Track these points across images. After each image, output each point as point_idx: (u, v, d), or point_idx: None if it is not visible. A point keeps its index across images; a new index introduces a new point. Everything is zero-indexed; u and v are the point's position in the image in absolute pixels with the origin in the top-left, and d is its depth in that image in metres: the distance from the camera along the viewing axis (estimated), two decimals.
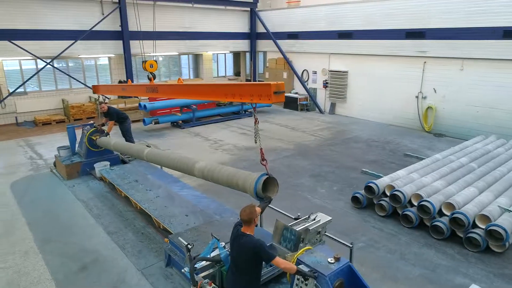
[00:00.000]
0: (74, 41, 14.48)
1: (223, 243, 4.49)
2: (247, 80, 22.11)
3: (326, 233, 5.31)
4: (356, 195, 7.76)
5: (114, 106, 12.47)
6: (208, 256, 4.22)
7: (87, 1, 14.90)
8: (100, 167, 8.88)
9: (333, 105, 17.44)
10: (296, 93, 18.63)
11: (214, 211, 6.74)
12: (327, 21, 16.72)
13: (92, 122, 9.57)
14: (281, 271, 4.74)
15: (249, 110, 17.04)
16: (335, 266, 3.76)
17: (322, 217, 5.17)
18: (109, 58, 16.89)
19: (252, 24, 20.39)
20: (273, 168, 9.92)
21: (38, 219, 7.31)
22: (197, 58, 20.74)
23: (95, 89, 9.06)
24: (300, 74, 18.53)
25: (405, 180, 7.66)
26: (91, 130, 9.06)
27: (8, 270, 5.73)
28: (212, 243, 4.37)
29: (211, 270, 4.28)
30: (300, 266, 3.80)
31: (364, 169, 9.87)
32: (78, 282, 5.40)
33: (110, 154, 9.50)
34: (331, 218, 5.12)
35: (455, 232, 6.47)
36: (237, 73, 22.82)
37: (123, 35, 15.72)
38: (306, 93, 18.15)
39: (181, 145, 12.40)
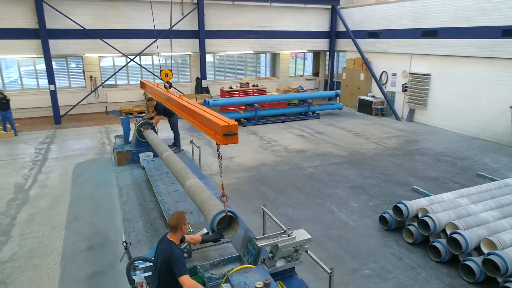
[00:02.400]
0: (155, 39, 15.80)
1: None
2: (325, 81, 21.34)
3: (308, 253, 4.84)
4: (385, 215, 6.84)
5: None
6: (147, 257, 4.16)
7: (169, 2, 16.07)
8: (144, 157, 9.53)
9: (411, 112, 15.69)
10: (373, 96, 17.27)
11: None
12: (410, 18, 15.06)
13: (143, 114, 10.31)
14: None
15: (316, 112, 16.43)
16: None
17: (300, 235, 4.71)
18: (189, 56, 18.01)
19: (333, 22, 19.54)
20: (311, 175, 9.42)
21: (79, 198, 8.20)
22: (274, 57, 20.77)
23: (142, 84, 9.73)
24: (378, 76, 17.11)
25: (447, 205, 6.47)
26: (140, 122, 9.78)
27: (35, 239, 6.55)
28: None
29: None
30: (224, 285, 3.49)
31: (416, 187, 8.65)
32: (79, 260, 5.89)
33: None
34: (310, 237, 4.67)
35: (492, 277, 5.22)
36: (316, 73, 22.17)
37: (199, 34, 16.57)
38: (383, 97, 16.68)
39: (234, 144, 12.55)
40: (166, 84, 6.93)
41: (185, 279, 3.31)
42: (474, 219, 5.97)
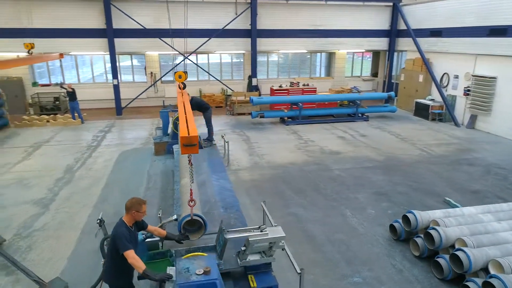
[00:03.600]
0: (208, 38, 16.55)
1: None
2: (383, 82, 20.31)
3: (285, 250, 4.84)
4: (395, 224, 6.44)
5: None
6: None
7: (223, 2, 16.70)
8: (176, 148, 10.10)
9: (473, 118, 14.25)
10: (432, 99, 16.02)
11: (222, 204, 6.85)
12: (476, 15, 13.66)
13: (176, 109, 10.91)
14: None
15: (365, 114, 15.76)
16: (196, 278, 3.47)
17: (275, 232, 4.73)
18: (243, 54, 18.49)
19: (393, 20, 18.49)
20: (337, 177, 9.20)
21: (113, 182, 9.04)
22: (330, 57, 20.34)
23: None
24: (439, 78, 15.82)
25: (465, 219, 5.89)
26: (177, 115, 10.39)
27: (66, 214, 7.42)
28: None
29: None
30: (169, 268, 3.68)
31: (448, 199, 7.94)
32: (91, 237, 6.54)
33: None
34: (284, 235, 4.68)
35: None
36: (374, 74, 21.19)
37: (251, 33, 16.92)
38: (442, 101, 15.39)
39: (269, 140, 12.69)
40: (181, 85, 7.28)
41: (129, 253, 3.58)
42: (490, 237, 5.36)
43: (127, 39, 16.19)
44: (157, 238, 4.56)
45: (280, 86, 17.26)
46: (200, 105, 10.44)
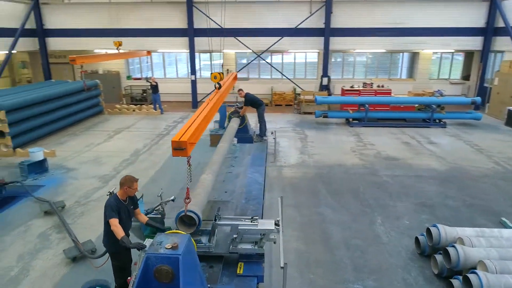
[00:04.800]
0: (281, 37, 16.84)
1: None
2: (476, 86, 18.12)
3: (275, 243, 4.95)
4: (420, 237, 5.95)
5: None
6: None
7: (298, 1, 16.79)
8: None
9: None
10: None
11: (246, 195, 7.10)
12: None
13: (236, 104, 11.44)
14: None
15: (443, 120, 14.35)
16: (163, 251, 3.79)
17: (265, 224, 4.87)
18: (318, 53, 18.35)
19: (490, 17, 16.35)
20: (382, 183, 8.82)
21: (166, 167, 9.97)
22: (413, 57, 18.90)
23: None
24: None
25: (499, 242, 5.19)
26: (232, 110, 10.94)
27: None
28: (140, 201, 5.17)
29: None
30: (147, 239, 4.09)
31: (505, 219, 6.96)
32: None
33: (245, 133, 11.11)
34: (273, 228, 4.80)
35: None
36: (465, 77, 19.01)
37: (325, 32, 16.69)
38: None
39: (326, 140, 12.48)
40: (217, 85, 7.69)
41: (112, 221, 4.13)
42: None
43: (206, 38, 17.37)
44: (158, 215, 5.04)
45: (352, 87, 16.71)
46: (253, 102, 10.82)
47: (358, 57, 19.26)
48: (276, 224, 5.30)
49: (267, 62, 18.35)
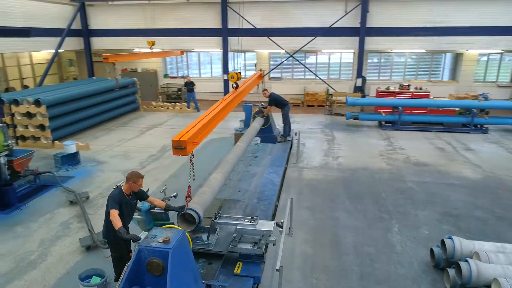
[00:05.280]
0: (314, 37, 16.59)
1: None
2: None
3: (274, 245, 4.90)
4: (436, 248, 5.60)
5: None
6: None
7: (333, 0, 16.43)
8: (252, 140, 10.70)
9: None
10: None
11: (259, 195, 7.08)
12: None
13: (261, 103, 11.42)
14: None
15: (485, 126, 13.42)
16: (155, 244, 3.86)
17: (264, 225, 4.84)
18: (353, 54, 17.88)
19: None
20: (406, 190, 8.42)
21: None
22: (457, 58, 17.84)
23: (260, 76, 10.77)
24: None
25: None
26: (256, 110, 10.94)
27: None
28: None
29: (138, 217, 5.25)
30: (143, 232, 4.19)
31: None
32: None
33: (269, 133, 11.07)
34: (271, 230, 4.79)
35: None
36: None
37: (360, 31, 16.21)
38: None
39: (354, 142, 12.12)
40: (234, 85, 7.70)
41: (112, 211, 4.31)
42: None
43: (239, 38, 17.52)
44: (161, 210, 5.15)
45: (387, 88, 16.10)
46: (277, 102, 10.75)
47: (396, 57, 18.52)
48: (279, 226, 5.26)
49: (299, 62, 18.16)
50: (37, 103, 11.26)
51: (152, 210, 5.17)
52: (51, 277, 5.38)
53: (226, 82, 17.83)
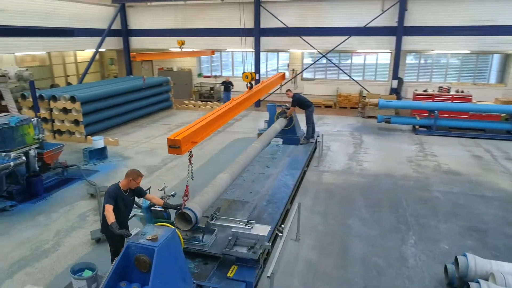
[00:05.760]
0: (348, 36, 16.09)
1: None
2: None
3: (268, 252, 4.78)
4: (450, 265, 5.18)
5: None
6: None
7: None
8: (274, 140, 10.56)
9: None
10: None
11: (270, 197, 6.96)
12: None
13: (285, 104, 11.23)
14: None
15: None
16: (143, 241, 3.88)
17: (259, 230, 4.73)
18: (390, 55, 17.13)
19: None
20: (430, 199, 7.94)
21: (211, 162, 10.29)
22: (506, 60, 16.51)
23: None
24: None
25: None
26: (279, 111, 10.79)
27: (160, 180, 8.98)
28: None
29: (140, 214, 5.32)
30: (135, 229, 4.23)
31: None
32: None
33: (292, 134, 10.87)
34: (265, 235, 4.69)
35: None
36: None
37: (397, 31, 15.48)
38: None
39: (382, 147, 11.60)
40: (248, 85, 7.61)
41: (107, 206, 4.42)
42: None
43: (271, 38, 17.41)
44: (161, 208, 5.19)
45: (425, 91, 15.29)
46: (301, 103, 10.52)
47: (437, 58, 17.50)
48: (279, 231, 5.12)
49: (332, 62, 17.70)
50: (73, 99, 11.89)
51: (152, 208, 5.23)
52: (59, 266, 5.62)
53: (257, 82, 17.77)
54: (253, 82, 7.76)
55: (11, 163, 7.13)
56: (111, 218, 4.37)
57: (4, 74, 7.81)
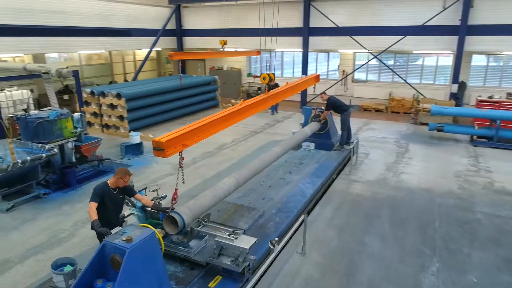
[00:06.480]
0: (403, 36, 14.92)
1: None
2: None
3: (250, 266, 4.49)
4: None
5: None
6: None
7: None
8: (305, 145, 10.12)
9: None
10: None
11: (281, 206, 6.63)
12: None
13: (320, 107, 10.67)
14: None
15: None
16: (117, 241, 3.83)
17: (244, 241, 4.47)
18: (453, 55, 15.57)
19: None
20: (469, 222, 7.11)
21: (240, 163, 10.10)
22: None
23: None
24: None
25: None
26: (313, 114, 10.30)
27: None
28: (141, 193, 5.32)
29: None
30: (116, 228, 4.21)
31: None
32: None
33: (326, 139, 10.31)
34: (247, 248, 4.46)
35: None
36: None
37: (459, 30, 13.97)
38: None
39: (429, 158, 10.54)
40: (266, 86, 7.28)
41: (90, 204, 4.50)
42: None
43: (321, 37, 16.79)
44: (153, 210, 5.13)
45: (490, 97, 13.64)
46: (336, 106, 9.93)
47: (508, 60, 15.49)
48: (272, 244, 4.80)
49: (384, 64, 16.57)
50: (118, 96, 12.55)
51: (148, 208, 5.22)
52: (67, 255, 5.87)
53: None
54: (272, 84, 7.44)
55: (43, 154, 7.64)
56: (93, 215, 4.43)
57: (47, 71, 8.42)
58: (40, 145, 7.96)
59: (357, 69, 17.37)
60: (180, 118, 15.48)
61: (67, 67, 8.60)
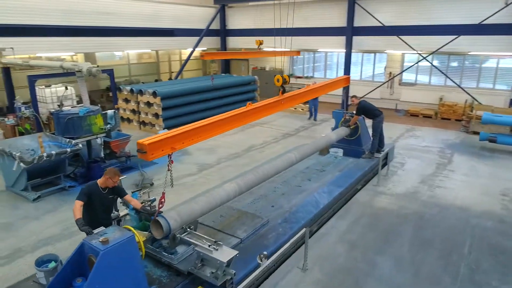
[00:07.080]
0: (456, 35, 13.63)
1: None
2: None
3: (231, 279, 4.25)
4: None
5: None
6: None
7: None
8: (333, 151, 9.60)
9: None
10: None
11: (289, 216, 6.28)
12: None
13: (352, 112, 10.00)
14: None
15: None
16: (94, 242, 3.80)
17: (224, 254, 4.22)
18: None
19: None
20: (510, 249, 6.07)
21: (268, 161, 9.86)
22: None
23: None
24: None
25: None
26: (343, 119, 9.71)
27: (205, 179, 9.01)
28: (134, 195, 5.27)
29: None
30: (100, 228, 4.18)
31: None
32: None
33: (356, 146, 9.68)
34: (224, 261, 4.20)
35: None
36: None
37: None
38: None
39: (473, 172, 9.45)
40: (280, 89, 6.92)
41: (76, 202, 4.53)
42: None
43: (365, 37, 15.93)
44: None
45: None
46: (367, 111, 9.26)
47: None
48: (260, 259, 4.50)
49: (433, 65, 15.28)
50: (154, 94, 12.89)
51: (140, 210, 5.17)
52: (71, 250, 6.03)
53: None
54: (285, 86, 7.07)
55: (68, 149, 8.00)
56: (76, 214, 4.46)
57: (80, 69, 8.82)
58: (68, 140, 8.36)
59: (404, 70, 16.25)
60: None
61: (97, 66, 8.95)
